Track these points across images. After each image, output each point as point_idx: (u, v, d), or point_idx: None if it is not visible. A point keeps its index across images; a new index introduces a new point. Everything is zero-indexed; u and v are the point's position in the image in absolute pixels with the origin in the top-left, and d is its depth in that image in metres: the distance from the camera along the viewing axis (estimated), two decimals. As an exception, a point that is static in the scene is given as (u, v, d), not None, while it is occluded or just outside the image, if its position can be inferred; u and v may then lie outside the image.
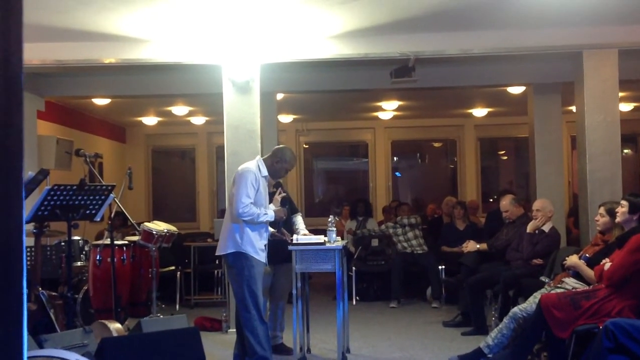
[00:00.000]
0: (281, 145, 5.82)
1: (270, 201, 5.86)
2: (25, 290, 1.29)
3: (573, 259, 5.25)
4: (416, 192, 14.64)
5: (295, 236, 5.69)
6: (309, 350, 6.13)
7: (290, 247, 5.50)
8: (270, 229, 5.49)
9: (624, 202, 4.88)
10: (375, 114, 12.61)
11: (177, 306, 8.66)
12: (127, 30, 6.68)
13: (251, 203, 5.12)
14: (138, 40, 6.97)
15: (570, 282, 5.18)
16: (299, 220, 6.24)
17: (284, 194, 5.74)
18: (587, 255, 5.27)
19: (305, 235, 5.88)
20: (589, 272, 5.04)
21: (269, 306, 6.15)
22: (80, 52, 7.09)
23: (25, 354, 1.44)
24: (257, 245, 5.22)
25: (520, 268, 6.58)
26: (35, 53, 6.94)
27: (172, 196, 14.21)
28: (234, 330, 7.00)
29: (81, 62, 7.22)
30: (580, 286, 5.08)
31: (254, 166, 5.32)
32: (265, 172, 5.34)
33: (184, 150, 14.41)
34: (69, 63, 7.22)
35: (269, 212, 5.24)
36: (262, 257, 5.26)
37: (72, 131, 10.57)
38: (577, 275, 5.21)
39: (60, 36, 6.83)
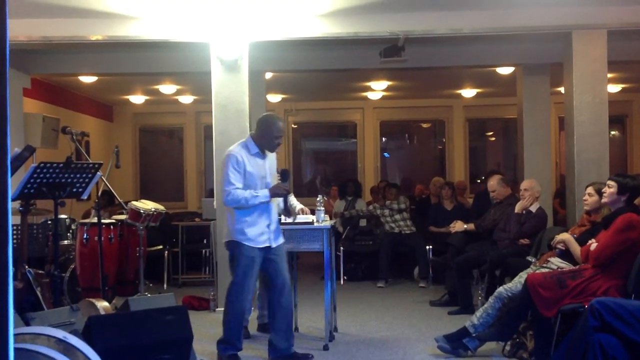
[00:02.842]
0: (263, 114, 5.33)
1: None
2: (11, 269, 1.28)
3: (564, 234, 5.29)
4: (404, 172, 14.66)
5: (283, 216, 5.67)
6: (296, 329, 6.15)
7: (278, 227, 5.47)
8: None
9: (612, 183, 4.88)
10: (364, 94, 12.59)
11: (165, 285, 8.65)
12: (115, 6, 6.61)
13: (236, 188, 4.87)
14: (125, 17, 6.90)
15: (556, 262, 5.22)
16: (292, 199, 6.21)
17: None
18: (574, 235, 5.31)
19: (302, 209, 5.73)
20: (578, 249, 5.07)
21: (258, 285, 6.15)
22: (67, 28, 7.01)
23: (12, 332, 1.43)
24: (251, 232, 4.96)
25: (507, 248, 6.62)
26: (21, 29, 6.86)
27: (159, 175, 14.16)
28: (222, 309, 7.02)
29: (68, 39, 7.15)
30: (565, 266, 5.12)
31: (238, 147, 5.03)
32: (255, 149, 5.01)
33: (172, 130, 14.34)
34: (55, 39, 7.14)
35: (261, 192, 4.94)
36: (259, 242, 4.99)
37: (59, 109, 10.48)
38: (563, 254, 5.25)
39: (47, 12, 6.75)
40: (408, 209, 9.34)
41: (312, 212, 5.68)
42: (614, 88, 11.41)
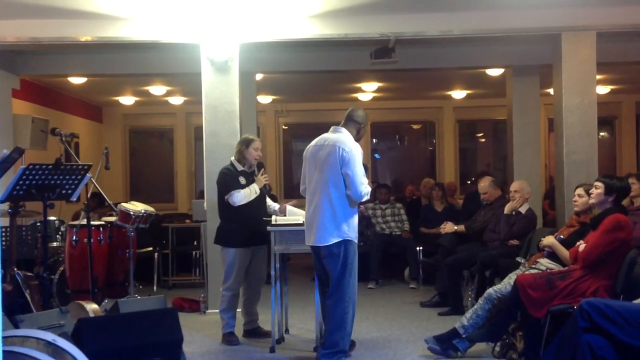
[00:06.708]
0: (353, 108, 5.22)
1: (252, 181, 5.80)
2: (0, 271, 1.27)
3: (549, 239, 5.31)
4: (395, 173, 14.69)
5: (274, 217, 5.67)
6: (287, 330, 6.15)
7: (269, 228, 5.47)
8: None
9: (599, 184, 4.92)
10: (355, 95, 12.60)
11: (155, 287, 8.62)
12: (104, 7, 6.59)
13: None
14: (115, 18, 6.88)
15: (545, 263, 5.25)
16: (269, 201, 6.19)
17: (266, 176, 5.71)
18: (561, 236, 5.33)
19: (281, 209, 5.80)
20: (564, 252, 5.10)
21: (243, 291, 6.10)
22: (56, 29, 6.99)
23: (0, 334, 1.43)
24: (357, 229, 5.03)
25: (497, 249, 6.64)
26: (10, 30, 6.83)
27: (149, 177, 14.13)
28: (212, 311, 7.00)
29: (57, 40, 7.12)
30: (554, 267, 5.14)
31: (353, 141, 4.96)
32: (356, 142, 5.02)
33: (162, 131, 14.31)
34: (44, 40, 7.11)
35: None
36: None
37: (48, 110, 10.43)
38: (551, 255, 5.27)
39: (36, 13, 6.72)
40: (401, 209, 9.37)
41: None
42: (603, 89, 11.46)
